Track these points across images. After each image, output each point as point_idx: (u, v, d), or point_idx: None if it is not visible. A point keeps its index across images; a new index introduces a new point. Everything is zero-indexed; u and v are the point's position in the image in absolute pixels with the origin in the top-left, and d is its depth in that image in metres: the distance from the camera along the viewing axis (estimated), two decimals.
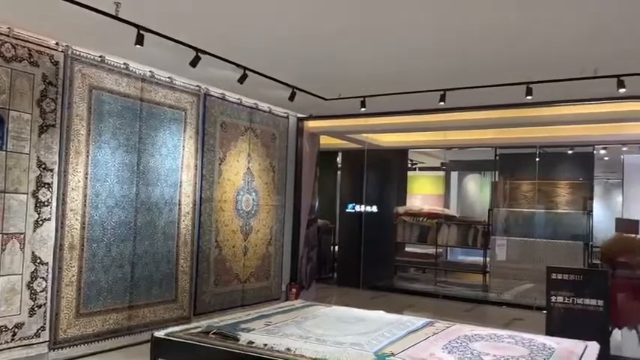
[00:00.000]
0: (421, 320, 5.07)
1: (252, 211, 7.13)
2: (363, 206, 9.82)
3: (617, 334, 5.87)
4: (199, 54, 4.87)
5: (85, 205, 5.00)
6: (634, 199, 8.44)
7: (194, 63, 4.91)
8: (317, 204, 8.55)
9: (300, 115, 8.05)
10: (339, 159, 10.76)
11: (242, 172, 6.95)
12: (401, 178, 11.45)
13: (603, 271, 5.82)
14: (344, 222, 10.33)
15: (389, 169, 10.77)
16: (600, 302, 5.21)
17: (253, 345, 3.66)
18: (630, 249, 5.81)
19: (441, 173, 12.96)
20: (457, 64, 5.23)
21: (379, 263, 9.88)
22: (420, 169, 13.15)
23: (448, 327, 4.90)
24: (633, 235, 5.89)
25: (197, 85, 6.21)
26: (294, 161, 7.98)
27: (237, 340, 3.73)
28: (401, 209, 10.53)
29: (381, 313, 5.17)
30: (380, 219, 10.11)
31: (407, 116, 7.48)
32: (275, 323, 4.34)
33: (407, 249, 10.96)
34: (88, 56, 5.01)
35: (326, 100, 6.90)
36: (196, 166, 6.20)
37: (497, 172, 9.70)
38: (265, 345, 3.64)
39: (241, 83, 5.60)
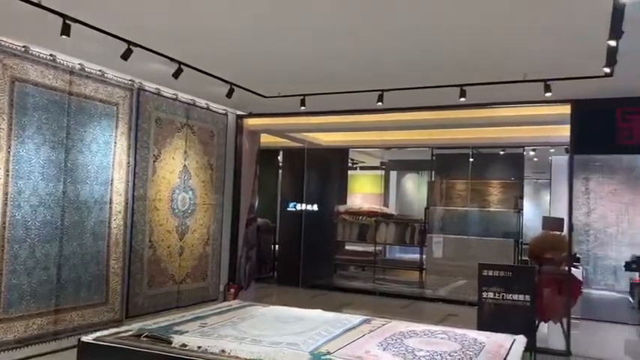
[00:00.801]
0: (358, 318, 5.10)
1: (189, 210, 6.95)
2: (303, 205, 9.81)
3: (543, 328, 6.15)
4: (131, 47, 4.68)
5: (5, 203, 4.69)
6: (560, 199, 8.86)
7: (126, 56, 4.72)
8: (257, 203, 8.45)
9: (239, 113, 7.93)
10: (280, 157, 10.70)
11: (178, 170, 6.76)
12: (342, 177, 11.54)
13: (531, 267, 6.08)
14: (285, 221, 10.29)
15: (330, 168, 10.82)
16: (527, 297, 5.44)
17: (186, 348, 3.55)
18: (555, 246, 6.09)
19: (381, 172, 13.17)
20: (393, 66, 5.31)
21: (319, 262, 9.91)
22: (361, 168, 13.31)
23: (384, 324, 4.96)
24: (558, 233, 6.18)
25: (130, 79, 5.98)
26: (233, 159, 7.85)
27: (170, 342, 3.61)
28: (341, 208, 10.61)
29: (318, 311, 5.17)
30: (320, 218, 10.14)
31: (347, 116, 7.53)
32: (210, 325, 4.24)
33: (347, 247, 11.06)
34: (11, 46, 4.70)
35: (265, 97, 6.83)
36: (129, 163, 5.97)
37: (433, 172, 9.97)
38: (199, 347, 3.54)
39: (176, 78, 5.44)
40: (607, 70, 4.76)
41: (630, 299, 9.72)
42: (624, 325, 8.04)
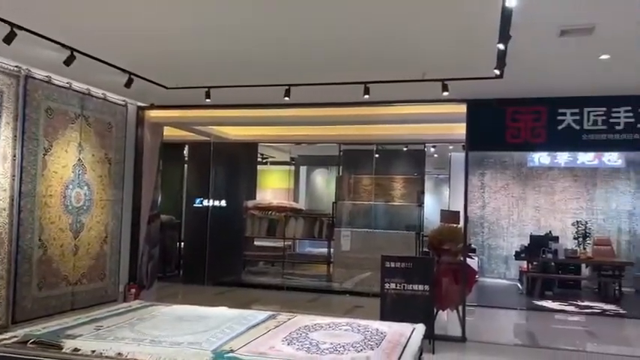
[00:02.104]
0: (263, 314, 5.07)
1: (84, 207, 6.53)
2: (210, 201, 9.59)
3: (442, 315, 6.48)
4: (15, 29, 4.29)
5: None
6: (459, 193, 9.36)
7: (9, 39, 4.32)
8: (160, 199, 8.13)
9: (140, 104, 7.57)
10: (185, 152, 10.37)
11: (72, 164, 6.33)
12: (251, 172, 11.41)
13: (429, 258, 6.37)
14: (190, 217, 10.00)
15: (238, 162, 10.66)
16: (427, 287, 5.69)
17: (79, 352, 3.34)
18: (452, 238, 6.43)
19: (291, 168, 13.20)
20: (299, 62, 5.32)
21: (227, 258, 9.75)
22: (271, 163, 13.25)
23: (290, 319, 4.96)
24: (455, 225, 6.54)
25: (16, 66, 5.50)
26: (133, 153, 7.48)
27: (61, 348, 3.37)
28: (250, 203, 10.50)
29: (223, 309, 5.08)
30: (229, 214, 9.97)
31: (255, 110, 7.45)
32: (107, 327, 4.00)
33: (256, 243, 10.97)
34: None
35: (167, 88, 6.57)
36: (15, 156, 5.49)
37: (341, 167, 10.15)
38: (93, 351, 3.34)
39: (68, 65, 5.07)
40: (497, 72, 5.08)
41: (519, 286, 10.52)
42: (514, 310, 8.67)
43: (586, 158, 10.83)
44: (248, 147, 10.59)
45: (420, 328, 5.05)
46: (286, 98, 6.15)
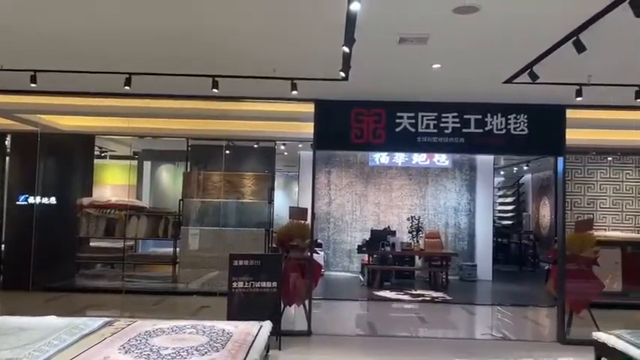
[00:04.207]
0: (98, 321, 4.68)
1: None
2: (37, 198, 8.59)
3: (289, 311, 6.56)
4: None
5: None
6: (307, 190, 9.60)
7: None
8: None
9: None
10: (7, 142, 9.16)
11: None
12: (86, 167, 10.46)
13: (277, 255, 6.42)
14: (13, 216, 8.86)
15: (72, 156, 9.72)
16: (274, 284, 5.72)
17: None
18: (300, 234, 6.55)
19: (134, 162, 12.39)
20: (142, 48, 4.97)
21: (57, 261, 8.82)
22: (111, 157, 12.31)
23: (129, 324, 4.65)
24: (303, 221, 6.66)
25: None
26: None
27: None
28: (85, 201, 9.63)
29: (51, 318, 4.59)
30: (59, 212, 9.03)
31: (91, 98, 6.84)
32: None
33: (92, 244, 10.12)
34: None
35: None
36: None
37: (189, 163, 9.79)
38: None
39: None
40: (343, 74, 5.27)
41: (361, 278, 11.14)
42: (356, 301, 9.15)
43: (420, 159, 11.84)
44: (83, 139, 9.68)
45: (267, 326, 5.07)
46: (127, 87, 5.72)
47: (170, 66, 5.47)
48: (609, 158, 9.62)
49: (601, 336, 5.14)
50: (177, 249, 9.32)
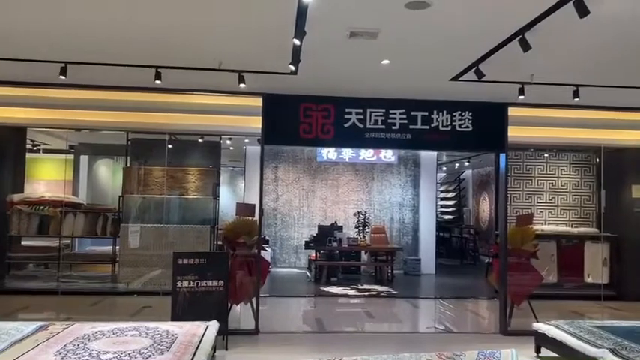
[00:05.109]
0: (32, 325, 4.40)
1: None
2: None
3: (236, 309, 6.43)
4: None
5: None
6: (254, 186, 9.44)
7: None
8: None
9: None
10: None
11: None
12: (17, 162, 9.81)
13: (224, 252, 6.26)
14: None
15: (1, 150, 9.10)
16: (221, 282, 5.56)
17: None
18: (247, 230, 6.42)
19: (70, 157, 11.78)
20: (77, 37, 4.68)
21: None
22: (45, 151, 11.63)
23: (65, 328, 4.40)
24: (250, 218, 6.52)
25: None
26: None
27: None
28: (16, 197, 9.04)
29: None
30: None
31: (22, 88, 6.40)
32: None
33: (25, 242, 9.53)
34: None
35: None
36: None
37: (129, 158, 9.40)
38: None
39: None
40: (292, 67, 5.17)
41: (308, 274, 11.11)
42: (304, 297, 9.11)
43: (366, 155, 11.93)
44: (12, 132, 9.08)
45: (214, 325, 4.94)
46: (62, 77, 5.39)
47: (109, 56, 5.19)
48: (546, 155, 10.02)
49: (541, 326, 5.34)
50: (117, 247, 8.94)
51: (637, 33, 4.28)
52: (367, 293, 9.35)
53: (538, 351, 5.42)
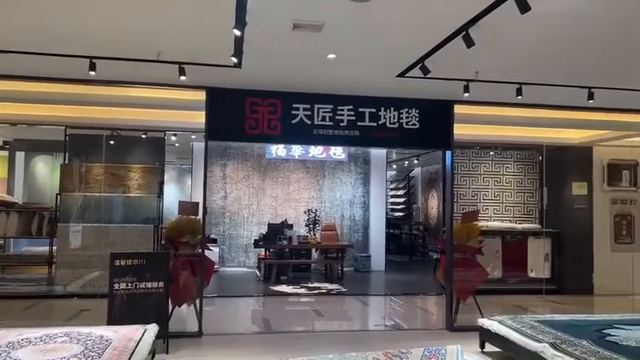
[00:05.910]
0: None
1: None
2: None
3: (179, 312, 6.19)
4: None
5: None
6: (200, 183, 9.18)
7: None
8: None
9: None
10: None
11: None
12: None
13: (165, 253, 6.01)
14: None
15: None
16: (161, 284, 5.32)
17: None
18: (190, 230, 6.19)
19: (4, 153, 11.13)
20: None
21: None
22: None
23: None
24: (194, 216, 6.29)
25: None
26: None
27: None
28: None
29: None
30: None
31: None
32: None
33: None
34: None
35: None
36: None
37: (67, 154, 8.93)
38: None
39: None
40: (235, 59, 5.00)
41: (257, 273, 10.92)
42: (252, 297, 8.91)
43: (316, 152, 11.84)
44: None
45: (152, 329, 4.72)
46: None
47: (38, 45, 4.86)
48: (491, 153, 10.23)
49: (485, 322, 5.39)
50: (55, 248, 8.48)
51: (576, 29, 4.35)
52: (317, 291, 9.26)
53: (483, 346, 5.47)
